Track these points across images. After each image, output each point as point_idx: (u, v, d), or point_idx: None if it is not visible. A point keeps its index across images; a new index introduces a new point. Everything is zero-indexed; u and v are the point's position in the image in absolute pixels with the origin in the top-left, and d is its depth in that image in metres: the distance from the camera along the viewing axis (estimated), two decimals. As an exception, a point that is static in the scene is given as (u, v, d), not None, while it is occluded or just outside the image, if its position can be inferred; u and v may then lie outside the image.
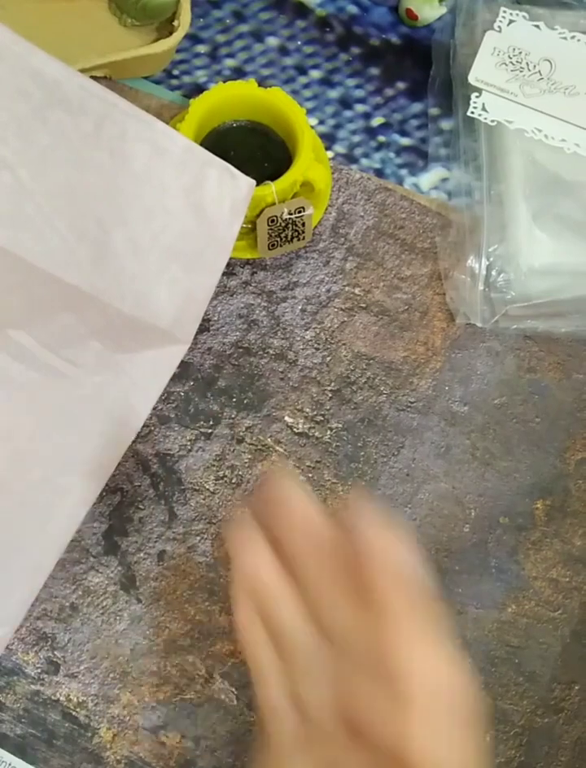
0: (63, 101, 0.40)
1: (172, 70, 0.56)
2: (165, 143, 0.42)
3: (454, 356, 0.53)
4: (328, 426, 0.51)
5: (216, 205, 0.43)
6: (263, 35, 0.57)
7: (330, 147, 0.56)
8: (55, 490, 0.43)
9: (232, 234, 0.44)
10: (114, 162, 0.41)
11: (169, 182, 0.42)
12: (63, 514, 0.43)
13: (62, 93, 0.40)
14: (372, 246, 0.54)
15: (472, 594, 0.50)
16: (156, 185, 0.42)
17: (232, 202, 0.43)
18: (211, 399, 0.51)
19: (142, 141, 0.41)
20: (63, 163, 0.41)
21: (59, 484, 0.43)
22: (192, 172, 0.42)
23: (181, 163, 0.42)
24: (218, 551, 0.49)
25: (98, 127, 0.41)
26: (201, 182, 0.43)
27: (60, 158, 0.41)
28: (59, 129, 0.41)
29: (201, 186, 0.43)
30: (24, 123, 0.40)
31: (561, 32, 0.54)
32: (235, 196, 0.43)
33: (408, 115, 0.57)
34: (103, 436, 0.45)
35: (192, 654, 0.48)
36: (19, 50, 0.40)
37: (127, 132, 0.41)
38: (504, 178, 0.53)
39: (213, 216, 0.43)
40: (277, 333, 0.52)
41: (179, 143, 0.42)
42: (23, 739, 0.46)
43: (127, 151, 0.41)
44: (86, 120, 0.41)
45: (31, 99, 0.40)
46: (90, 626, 0.48)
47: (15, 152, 0.40)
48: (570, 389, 0.53)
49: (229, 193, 0.43)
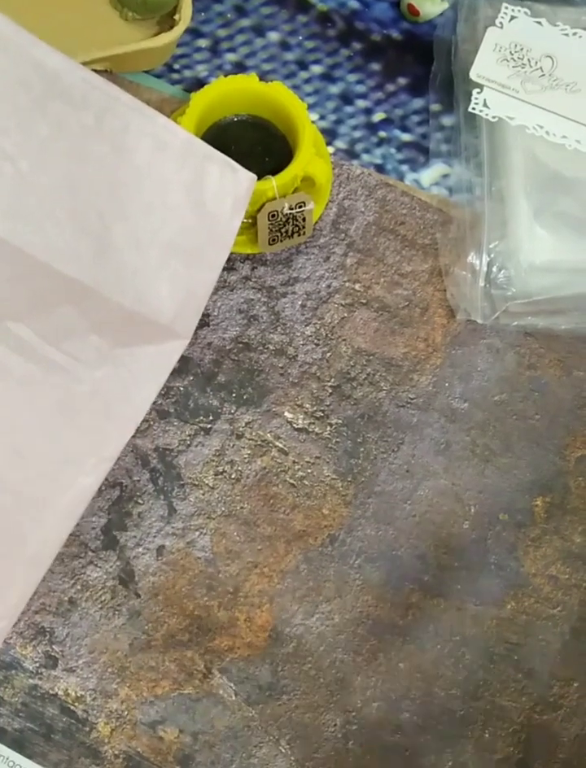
0: (65, 93, 0.40)
1: (173, 64, 0.56)
2: (167, 137, 0.42)
3: (454, 353, 0.53)
4: (328, 422, 0.51)
5: (217, 200, 0.43)
6: (264, 30, 0.57)
7: (331, 143, 0.55)
8: (54, 485, 0.43)
9: (233, 229, 0.44)
10: (115, 155, 0.41)
11: (170, 176, 0.42)
12: (63, 507, 0.43)
13: (63, 85, 0.40)
14: (372, 241, 0.54)
15: (471, 590, 0.50)
16: (157, 179, 0.42)
17: (233, 197, 0.43)
18: (210, 394, 0.51)
19: (144, 135, 0.41)
20: (64, 156, 0.41)
21: (58, 478, 0.43)
22: (193, 166, 0.42)
23: (183, 158, 0.42)
24: (217, 546, 0.49)
25: (99, 120, 0.41)
26: (202, 177, 0.42)
27: (60, 150, 0.41)
28: (59, 121, 0.40)
29: (202, 181, 0.43)
30: (24, 114, 0.40)
31: (562, 29, 0.54)
32: (236, 191, 0.43)
33: (409, 110, 0.57)
34: (103, 431, 0.45)
35: (190, 649, 0.48)
36: (21, 41, 0.39)
37: (129, 125, 0.41)
38: (505, 174, 0.53)
39: (214, 210, 0.43)
40: (277, 328, 0.52)
41: (180, 137, 0.42)
42: (21, 734, 0.46)
43: (128, 145, 0.41)
44: (87, 113, 0.41)
45: (32, 90, 0.40)
46: (89, 620, 0.48)
47: (15, 144, 0.40)
48: (570, 386, 0.53)
49: (231, 188, 0.43)
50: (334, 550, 0.49)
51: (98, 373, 0.45)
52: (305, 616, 0.49)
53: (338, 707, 0.48)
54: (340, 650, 0.48)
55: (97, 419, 0.45)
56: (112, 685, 0.47)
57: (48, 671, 0.47)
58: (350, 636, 0.49)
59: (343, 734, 0.48)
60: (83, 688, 0.47)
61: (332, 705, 0.48)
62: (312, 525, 0.50)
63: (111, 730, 0.47)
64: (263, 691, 0.48)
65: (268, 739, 0.47)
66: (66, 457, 0.44)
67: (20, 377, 0.44)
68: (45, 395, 0.44)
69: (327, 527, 0.50)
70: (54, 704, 0.47)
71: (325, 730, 0.48)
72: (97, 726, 0.47)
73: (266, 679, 0.48)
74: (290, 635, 0.48)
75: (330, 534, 0.50)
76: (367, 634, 0.49)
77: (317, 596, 0.49)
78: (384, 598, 0.49)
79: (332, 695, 0.48)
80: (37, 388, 0.44)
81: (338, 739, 0.47)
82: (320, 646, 0.48)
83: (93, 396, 0.45)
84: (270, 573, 0.49)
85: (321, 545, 0.49)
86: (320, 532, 0.50)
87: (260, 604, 0.48)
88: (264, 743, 0.47)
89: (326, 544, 0.50)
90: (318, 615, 0.49)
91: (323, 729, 0.48)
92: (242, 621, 0.48)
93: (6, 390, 0.44)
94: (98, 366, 0.45)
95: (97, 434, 0.45)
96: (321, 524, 0.50)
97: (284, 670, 0.48)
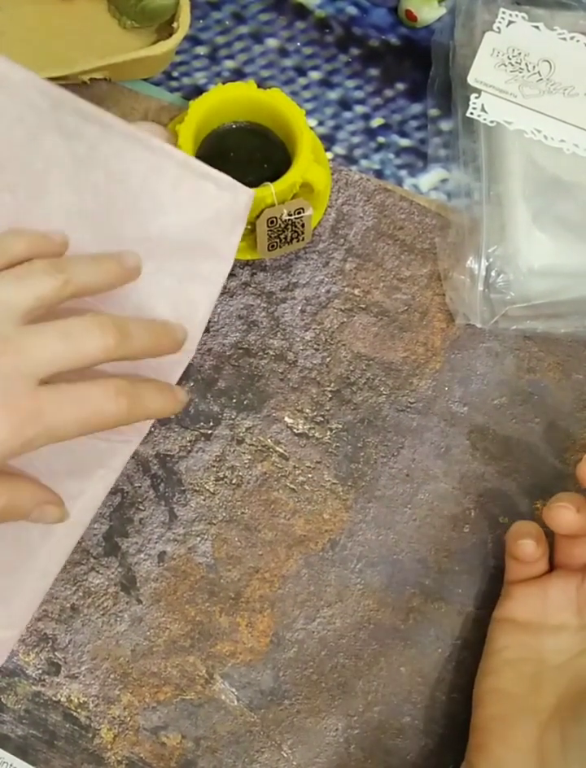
0: (58, 126, 0.41)
1: (172, 72, 0.56)
2: (161, 160, 0.42)
3: (454, 357, 0.53)
4: (328, 427, 0.51)
5: (214, 217, 0.43)
6: (262, 36, 0.57)
7: (330, 148, 0.56)
8: (63, 495, 0.44)
9: (232, 244, 0.44)
10: (109, 181, 0.42)
11: (165, 198, 0.42)
12: (71, 519, 0.43)
13: (57, 117, 0.41)
14: (371, 246, 0.54)
15: (472, 594, 0.50)
16: (152, 201, 0.42)
17: (231, 214, 0.43)
18: (211, 399, 0.51)
19: (138, 160, 0.42)
20: (57, 186, 0.42)
21: (67, 489, 0.43)
22: (189, 186, 0.42)
23: (178, 179, 0.42)
24: (218, 551, 0.49)
25: (92, 148, 0.41)
26: (199, 196, 0.43)
27: (54, 181, 0.42)
28: (53, 154, 0.41)
29: (198, 200, 0.43)
30: (19, 150, 0.41)
31: (560, 33, 0.54)
32: (235, 208, 0.43)
33: (407, 116, 0.57)
34: (109, 442, 0.45)
35: (192, 655, 0.48)
36: (17, 79, 0.40)
37: (122, 151, 0.42)
38: (503, 179, 0.53)
39: (211, 227, 0.43)
40: (277, 333, 0.52)
41: (176, 158, 0.42)
42: (24, 740, 0.46)
43: (122, 170, 0.42)
44: (80, 143, 0.41)
45: (27, 126, 0.41)
46: (91, 627, 0.48)
47: (13, 175, 0.41)
48: (569, 389, 0.53)
49: (229, 205, 0.43)
50: (335, 554, 0.50)
51: None
52: (306, 621, 0.49)
53: (339, 711, 0.48)
54: (342, 654, 0.48)
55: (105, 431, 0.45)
56: (115, 691, 0.47)
57: (51, 678, 0.47)
58: (351, 640, 0.49)
59: (344, 738, 0.48)
60: (86, 695, 0.47)
61: (334, 710, 0.48)
62: (312, 530, 0.50)
63: (113, 736, 0.47)
64: (265, 696, 0.48)
65: (270, 743, 0.47)
66: (73, 469, 0.44)
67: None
68: None
69: (328, 532, 0.50)
70: (57, 711, 0.47)
71: (326, 735, 0.48)
72: (100, 732, 0.47)
73: (268, 684, 0.48)
74: (291, 640, 0.48)
75: (331, 539, 0.50)
76: (368, 638, 0.49)
77: (318, 601, 0.49)
78: (385, 602, 0.49)
79: (334, 699, 0.48)
80: None
81: (340, 743, 0.48)
82: (321, 650, 0.48)
83: None
84: (271, 579, 0.49)
85: (321, 550, 0.50)
86: (321, 537, 0.50)
87: (262, 609, 0.49)
88: (266, 748, 0.47)
89: (327, 549, 0.50)
90: (319, 620, 0.49)
91: (325, 733, 0.48)
92: (244, 627, 0.48)
93: None
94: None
95: (104, 445, 0.45)
96: (322, 529, 0.50)
97: (286, 675, 0.48)
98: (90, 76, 0.51)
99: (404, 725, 0.48)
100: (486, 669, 0.45)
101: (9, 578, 0.44)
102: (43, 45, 0.40)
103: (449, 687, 0.48)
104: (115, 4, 0.53)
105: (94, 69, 0.51)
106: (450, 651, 0.49)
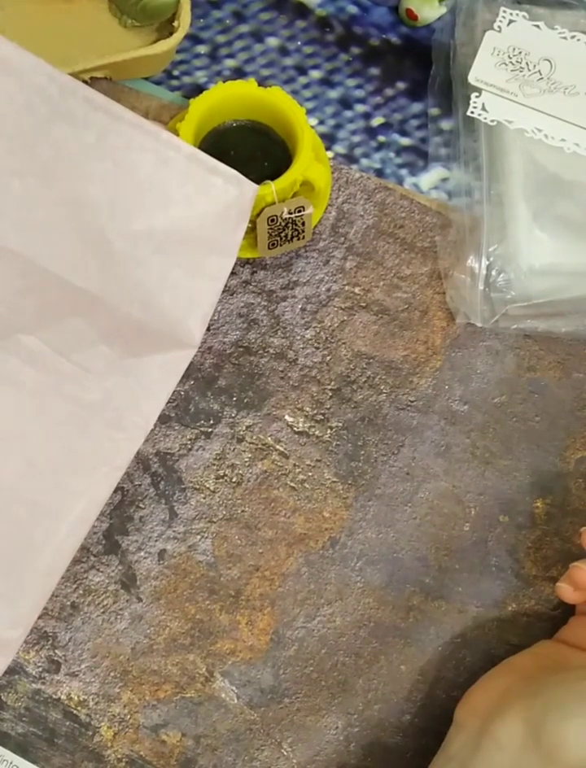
0: (68, 114, 0.41)
1: (173, 71, 0.56)
2: (169, 152, 0.42)
3: (454, 355, 0.53)
4: (328, 425, 0.51)
5: (220, 212, 0.43)
6: (263, 35, 0.57)
7: (330, 147, 0.56)
8: (67, 494, 0.44)
9: (236, 240, 0.44)
10: (117, 171, 0.42)
11: (173, 191, 0.42)
12: (75, 517, 0.43)
13: (66, 106, 0.41)
14: (372, 245, 0.54)
15: (472, 593, 0.50)
16: (159, 193, 0.42)
17: (236, 208, 0.43)
18: (211, 398, 0.51)
19: (146, 151, 0.42)
20: (66, 174, 0.42)
21: (71, 488, 0.43)
22: (197, 180, 0.43)
23: (186, 172, 0.42)
24: (218, 549, 0.49)
25: (101, 138, 0.41)
26: (206, 190, 0.43)
27: (63, 169, 0.42)
28: (61, 143, 0.41)
29: (206, 194, 0.43)
30: (28, 138, 0.41)
31: (561, 32, 0.54)
32: (240, 203, 0.43)
33: (408, 115, 0.57)
34: (113, 440, 0.45)
35: (192, 653, 0.48)
36: (26, 66, 0.40)
37: (131, 142, 0.42)
38: (504, 178, 0.53)
39: (217, 222, 0.43)
40: (277, 332, 0.52)
41: (184, 152, 0.42)
42: (24, 738, 0.47)
43: (130, 161, 0.42)
44: (89, 132, 0.41)
45: (36, 114, 0.41)
46: (91, 624, 0.48)
47: (22, 162, 0.41)
48: (570, 387, 0.53)
49: (235, 200, 0.43)
50: (335, 553, 0.50)
51: (107, 382, 0.45)
52: (307, 619, 0.49)
53: (339, 709, 0.48)
54: (342, 653, 0.49)
55: (107, 428, 0.45)
56: (115, 689, 0.47)
57: (51, 676, 0.47)
58: (351, 639, 0.49)
59: (344, 736, 0.48)
60: (86, 692, 0.47)
61: (334, 708, 0.48)
62: (313, 528, 0.50)
63: (113, 734, 0.47)
64: (265, 694, 0.48)
65: (270, 741, 0.47)
66: (78, 467, 0.45)
67: (32, 388, 0.45)
68: (57, 406, 0.45)
69: (328, 530, 0.50)
70: (57, 709, 0.47)
71: (326, 733, 0.48)
72: (100, 730, 0.47)
73: (268, 682, 0.48)
74: (291, 638, 0.48)
75: (331, 537, 0.50)
76: (368, 636, 0.49)
77: (318, 599, 0.49)
78: (385, 600, 0.49)
79: (334, 697, 0.48)
80: (49, 399, 0.45)
81: (340, 741, 0.48)
82: (321, 649, 0.49)
83: (103, 406, 0.45)
84: (271, 577, 0.49)
85: (322, 548, 0.50)
86: (321, 535, 0.50)
87: (262, 607, 0.49)
88: (266, 746, 0.47)
89: (327, 547, 0.50)
90: (320, 618, 0.49)
91: (325, 731, 0.48)
92: (244, 625, 0.48)
93: (18, 402, 0.44)
94: (107, 376, 0.45)
95: (108, 443, 0.45)
96: (322, 527, 0.50)
97: (286, 673, 0.48)
98: (91, 75, 0.52)
99: (403, 723, 0.48)
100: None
101: (13, 579, 0.44)
102: (43, 44, 0.40)
103: (449, 685, 0.49)
104: (116, 3, 0.53)
105: (94, 68, 0.51)
106: (450, 649, 0.49)
